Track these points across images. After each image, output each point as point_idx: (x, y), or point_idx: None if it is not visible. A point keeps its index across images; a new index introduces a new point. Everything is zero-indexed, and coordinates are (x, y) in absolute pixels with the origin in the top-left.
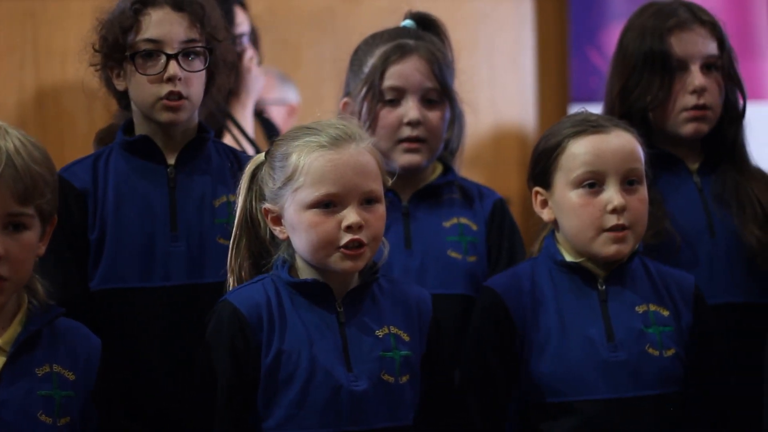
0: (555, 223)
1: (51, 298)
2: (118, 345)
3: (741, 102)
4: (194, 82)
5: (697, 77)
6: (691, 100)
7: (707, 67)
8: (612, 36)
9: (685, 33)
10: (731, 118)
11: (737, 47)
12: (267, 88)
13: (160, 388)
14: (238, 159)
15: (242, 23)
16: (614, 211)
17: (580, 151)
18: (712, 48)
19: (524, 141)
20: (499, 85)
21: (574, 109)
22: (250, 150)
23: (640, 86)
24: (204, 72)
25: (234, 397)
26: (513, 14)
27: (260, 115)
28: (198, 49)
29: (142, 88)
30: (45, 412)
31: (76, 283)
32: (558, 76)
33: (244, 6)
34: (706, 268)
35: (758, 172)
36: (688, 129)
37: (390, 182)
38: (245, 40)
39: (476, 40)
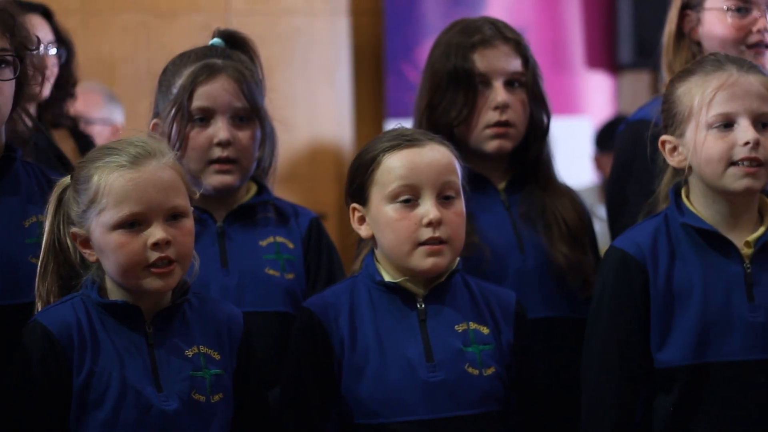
0: (373, 240)
1: None
2: None
3: (546, 119)
4: (3, 92)
5: (499, 93)
6: (493, 116)
7: (510, 83)
8: (427, 52)
9: (488, 50)
10: (536, 136)
11: (550, 62)
12: (93, 106)
13: None
14: (48, 178)
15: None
16: (429, 224)
17: (394, 165)
18: (515, 65)
19: (341, 157)
20: (316, 101)
21: (391, 124)
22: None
23: (444, 102)
24: (13, 82)
25: (45, 418)
26: (328, 30)
27: (76, 131)
28: (8, 58)
29: None
30: None
31: None
32: (374, 92)
33: (48, 16)
34: (515, 283)
35: (564, 189)
36: (492, 146)
37: (197, 195)
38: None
39: (292, 56)
